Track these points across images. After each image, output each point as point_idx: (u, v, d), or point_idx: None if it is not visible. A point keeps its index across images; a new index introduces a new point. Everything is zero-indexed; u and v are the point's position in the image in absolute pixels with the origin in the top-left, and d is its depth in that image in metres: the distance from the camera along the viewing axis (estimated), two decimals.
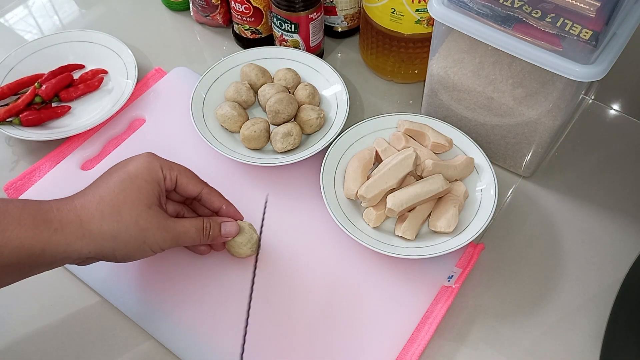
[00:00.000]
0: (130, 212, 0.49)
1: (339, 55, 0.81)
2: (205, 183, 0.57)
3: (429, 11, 0.57)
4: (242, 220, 0.59)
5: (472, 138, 0.66)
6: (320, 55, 0.79)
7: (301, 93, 0.69)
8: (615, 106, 0.74)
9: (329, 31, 0.81)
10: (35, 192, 0.65)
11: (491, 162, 0.64)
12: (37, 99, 0.71)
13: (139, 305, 0.58)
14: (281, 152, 0.66)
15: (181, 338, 0.56)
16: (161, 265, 0.60)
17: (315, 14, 0.72)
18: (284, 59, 0.74)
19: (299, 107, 0.68)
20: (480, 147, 0.65)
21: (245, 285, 0.57)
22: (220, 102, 0.70)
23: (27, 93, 0.70)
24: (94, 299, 0.59)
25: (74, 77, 0.74)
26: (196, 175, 0.57)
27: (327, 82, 0.72)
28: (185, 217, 0.55)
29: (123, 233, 0.49)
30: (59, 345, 0.56)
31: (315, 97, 0.69)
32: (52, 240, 0.46)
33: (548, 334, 0.57)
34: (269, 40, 0.79)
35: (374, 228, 0.61)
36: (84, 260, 0.50)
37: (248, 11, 0.75)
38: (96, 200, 0.49)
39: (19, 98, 0.71)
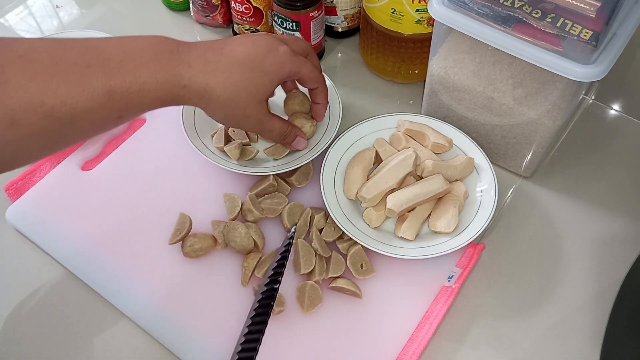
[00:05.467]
0: (244, 101, 0.54)
1: (339, 55, 0.81)
2: (323, 81, 0.62)
3: (429, 11, 0.57)
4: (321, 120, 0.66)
5: (472, 138, 0.66)
6: (321, 54, 0.79)
7: (292, 101, 0.67)
8: (615, 106, 0.74)
9: (329, 31, 0.81)
10: (36, 192, 0.65)
11: (491, 162, 0.64)
12: None
13: (147, 312, 0.58)
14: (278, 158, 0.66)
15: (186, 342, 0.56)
16: (173, 279, 0.60)
17: (316, 12, 0.72)
18: None
19: (291, 114, 0.67)
20: (480, 147, 0.65)
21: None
22: None
23: None
24: (98, 300, 0.59)
25: None
26: (319, 73, 0.60)
27: None
28: (276, 118, 0.59)
29: (230, 111, 0.54)
30: (57, 344, 0.56)
31: (305, 105, 0.67)
32: (180, 94, 0.51)
33: (548, 334, 0.57)
34: None
35: (374, 228, 0.61)
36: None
37: (248, 11, 0.75)
38: (224, 77, 0.52)
39: None
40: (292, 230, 0.60)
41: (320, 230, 0.61)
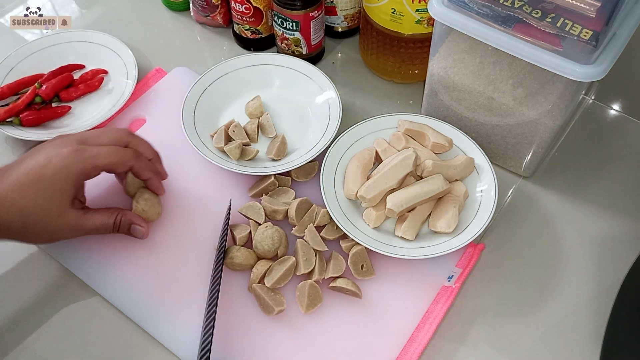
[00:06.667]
0: (42, 219, 0.52)
1: (339, 55, 0.81)
2: (134, 157, 0.58)
3: (429, 11, 0.57)
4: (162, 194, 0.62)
5: (472, 138, 0.65)
6: (321, 54, 0.79)
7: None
8: (615, 106, 0.74)
9: (329, 31, 0.81)
10: None
11: (491, 162, 0.64)
12: (37, 99, 0.71)
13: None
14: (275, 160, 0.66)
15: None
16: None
17: (316, 12, 0.72)
18: (274, 65, 0.73)
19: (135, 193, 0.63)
20: (480, 147, 0.65)
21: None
22: (212, 111, 0.70)
23: (27, 93, 0.71)
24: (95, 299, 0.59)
25: (74, 77, 0.75)
26: (129, 155, 0.57)
27: (320, 89, 0.71)
28: (97, 212, 0.57)
29: (30, 232, 0.53)
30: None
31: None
32: None
33: (548, 334, 0.57)
34: (269, 41, 0.79)
35: (374, 228, 0.61)
36: None
37: (248, 11, 0.75)
38: (9, 200, 0.51)
39: (19, 98, 0.71)
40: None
41: (323, 227, 0.61)
